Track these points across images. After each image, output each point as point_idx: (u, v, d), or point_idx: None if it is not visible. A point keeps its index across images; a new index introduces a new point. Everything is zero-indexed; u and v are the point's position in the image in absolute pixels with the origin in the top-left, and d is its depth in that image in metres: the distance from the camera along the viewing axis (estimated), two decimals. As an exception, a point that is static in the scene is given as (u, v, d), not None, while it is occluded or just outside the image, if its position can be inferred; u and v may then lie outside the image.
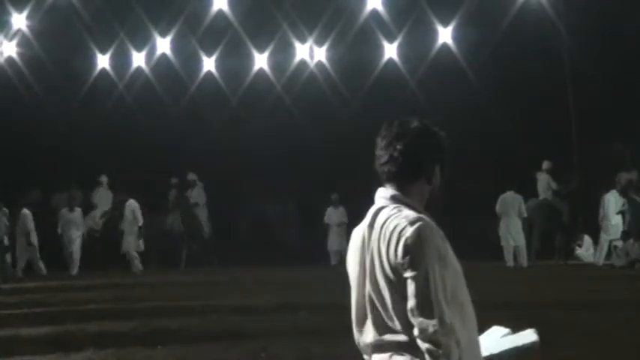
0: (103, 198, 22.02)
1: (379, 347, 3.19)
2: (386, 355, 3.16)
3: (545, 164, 19.91)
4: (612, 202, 19.10)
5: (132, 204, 20.46)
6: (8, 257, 18.29)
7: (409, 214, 3.12)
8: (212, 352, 8.96)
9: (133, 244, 20.46)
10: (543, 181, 20.07)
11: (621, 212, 18.84)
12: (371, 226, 3.20)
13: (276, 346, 9.15)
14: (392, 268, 3.10)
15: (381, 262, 3.14)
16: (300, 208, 23.49)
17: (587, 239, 20.20)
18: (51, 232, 20.46)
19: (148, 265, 21.06)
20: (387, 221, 3.14)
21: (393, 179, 3.24)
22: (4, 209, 18.94)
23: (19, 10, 22.98)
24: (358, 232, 3.28)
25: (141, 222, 20.42)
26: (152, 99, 22.86)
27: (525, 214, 19.62)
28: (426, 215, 3.17)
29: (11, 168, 21.14)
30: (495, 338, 3.25)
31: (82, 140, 22.47)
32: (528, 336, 3.19)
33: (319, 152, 22.16)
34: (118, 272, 20.15)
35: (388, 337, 3.14)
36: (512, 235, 19.46)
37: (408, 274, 3.04)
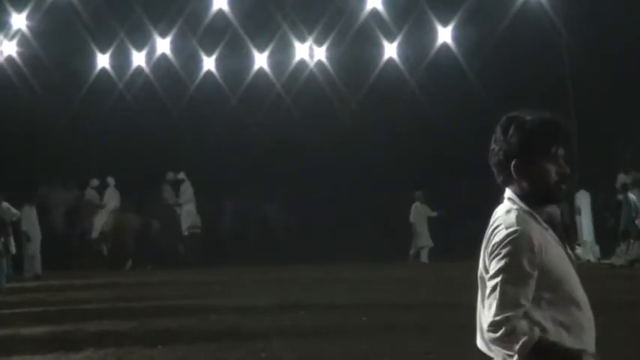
0: (112, 198, 22.16)
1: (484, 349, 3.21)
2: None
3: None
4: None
5: (4, 205, 19.99)
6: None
7: (511, 218, 3.10)
8: (212, 352, 8.96)
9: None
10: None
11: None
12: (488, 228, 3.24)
13: (276, 346, 9.15)
14: (484, 266, 3.15)
15: (482, 258, 3.18)
16: (300, 207, 23.45)
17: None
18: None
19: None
20: (495, 221, 3.17)
21: (500, 181, 3.26)
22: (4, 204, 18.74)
23: (19, 9, 22.95)
24: None
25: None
26: (152, 99, 22.84)
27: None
28: (535, 214, 3.14)
29: (11, 168, 21.12)
30: None
31: (82, 140, 22.46)
32: None
33: (319, 151, 22.14)
34: (118, 271, 20.18)
35: (481, 339, 3.18)
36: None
37: (488, 275, 3.09)
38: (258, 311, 12.00)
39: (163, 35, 23.37)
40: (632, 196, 18.86)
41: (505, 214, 3.14)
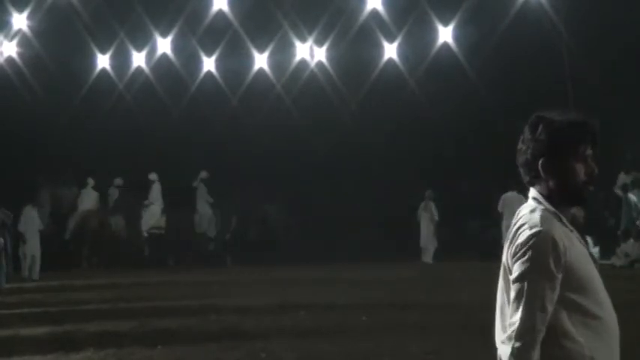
0: (85, 199, 22.16)
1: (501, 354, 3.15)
2: None
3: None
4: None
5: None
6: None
7: (535, 217, 3.04)
8: (212, 352, 8.97)
9: None
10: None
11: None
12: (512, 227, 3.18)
13: (276, 346, 9.16)
14: (507, 266, 3.10)
15: (505, 257, 3.13)
16: (300, 207, 23.46)
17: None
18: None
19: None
20: (518, 220, 3.11)
21: (526, 181, 3.20)
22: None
23: (20, 10, 22.98)
24: None
25: None
26: (152, 99, 22.85)
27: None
28: (561, 215, 3.09)
29: (11, 168, 21.13)
30: None
31: (82, 140, 22.47)
32: None
33: (319, 152, 22.14)
34: (115, 272, 20.16)
35: (500, 343, 3.09)
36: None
37: (512, 277, 3.04)
38: (258, 311, 12.01)
39: (163, 35, 23.40)
40: (632, 196, 18.87)
41: (529, 213, 3.09)
